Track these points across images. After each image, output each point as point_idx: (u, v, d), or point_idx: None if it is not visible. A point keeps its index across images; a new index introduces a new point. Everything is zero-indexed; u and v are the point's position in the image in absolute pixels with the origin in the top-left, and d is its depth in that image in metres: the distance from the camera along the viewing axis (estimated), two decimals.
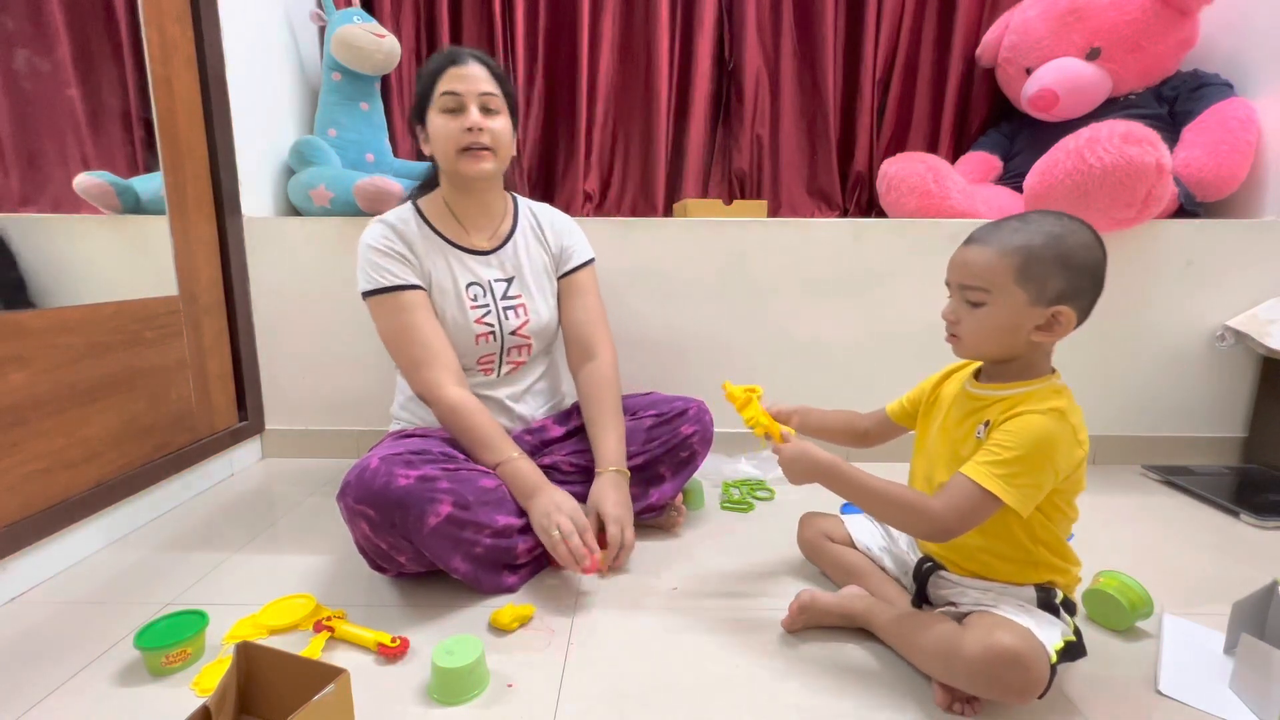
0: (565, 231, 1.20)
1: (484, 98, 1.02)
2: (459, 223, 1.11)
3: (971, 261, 0.75)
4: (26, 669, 0.80)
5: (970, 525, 0.72)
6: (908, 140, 1.87)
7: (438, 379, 1.02)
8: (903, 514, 0.76)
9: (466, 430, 1.01)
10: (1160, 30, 1.56)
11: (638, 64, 1.80)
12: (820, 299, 1.52)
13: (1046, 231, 0.72)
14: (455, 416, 1.01)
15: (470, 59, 1.02)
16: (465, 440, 1.02)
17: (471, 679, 0.75)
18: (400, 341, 1.04)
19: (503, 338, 1.11)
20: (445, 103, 1.00)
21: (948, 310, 0.79)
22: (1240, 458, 1.56)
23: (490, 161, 1.04)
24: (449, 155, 1.03)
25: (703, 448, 1.18)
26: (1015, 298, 0.73)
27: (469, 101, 1.00)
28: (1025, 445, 0.70)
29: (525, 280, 1.14)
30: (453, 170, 1.05)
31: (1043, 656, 0.68)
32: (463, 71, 1.00)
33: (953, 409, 0.85)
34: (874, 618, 0.85)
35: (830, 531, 1.02)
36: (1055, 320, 0.73)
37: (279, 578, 1.02)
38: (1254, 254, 1.47)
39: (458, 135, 1.00)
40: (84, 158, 1.16)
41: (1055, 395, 0.74)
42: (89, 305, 1.12)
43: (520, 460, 1.00)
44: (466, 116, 1.00)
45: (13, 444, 0.97)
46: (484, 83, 1.01)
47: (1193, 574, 1.06)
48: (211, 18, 1.36)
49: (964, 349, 0.79)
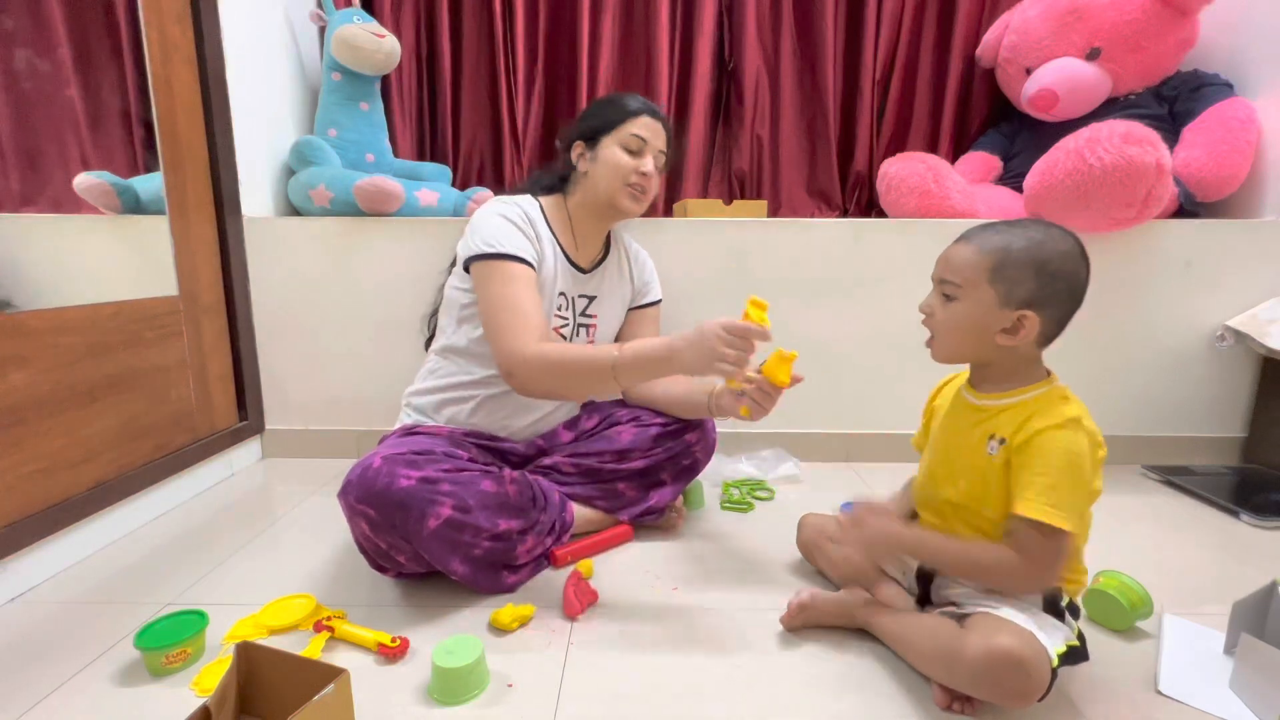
0: (645, 266, 1.30)
1: (659, 155, 1.12)
2: (573, 237, 1.16)
3: (953, 257, 0.77)
4: (26, 669, 0.80)
5: (1061, 563, 0.72)
6: (908, 140, 1.87)
7: (525, 343, 0.96)
8: (993, 576, 0.75)
9: (562, 368, 0.95)
10: (1160, 30, 1.56)
11: (638, 64, 1.80)
12: (820, 299, 1.52)
13: (1029, 236, 0.73)
14: (546, 362, 0.95)
15: (662, 119, 1.12)
16: (568, 380, 0.96)
17: (471, 679, 0.75)
18: (500, 305, 1.00)
19: None
20: (631, 143, 1.08)
21: (924, 303, 0.81)
22: (1240, 458, 1.56)
23: (644, 204, 1.13)
24: (614, 184, 1.09)
25: (705, 456, 1.19)
26: (985, 296, 0.74)
27: (649, 152, 1.10)
28: (1060, 468, 0.70)
29: (603, 304, 1.20)
30: (610, 198, 1.10)
31: (1044, 660, 0.68)
32: (656, 126, 1.10)
33: (952, 418, 0.85)
34: (873, 619, 0.85)
35: (830, 532, 1.02)
36: (1019, 324, 0.73)
37: (279, 578, 1.02)
38: (1254, 254, 1.47)
39: (630, 172, 1.08)
40: (84, 158, 1.16)
41: (1064, 402, 0.74)
42: (89, 305, 1.12)
43: (627, 348, 0.92)
44: (644, 161, 1.09)
45: (13, 444, 0.97)
46: (662, 141, 1.12)
47: (1193, 574, 1.06)
48: (211, 18, 1.36)
49: (938, 349, 0.80)
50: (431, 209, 1.57)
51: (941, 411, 0.88)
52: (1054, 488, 0.70)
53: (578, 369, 0.95)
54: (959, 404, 0.84)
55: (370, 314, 1.54)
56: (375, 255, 1.51)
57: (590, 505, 1.14)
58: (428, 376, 1.17)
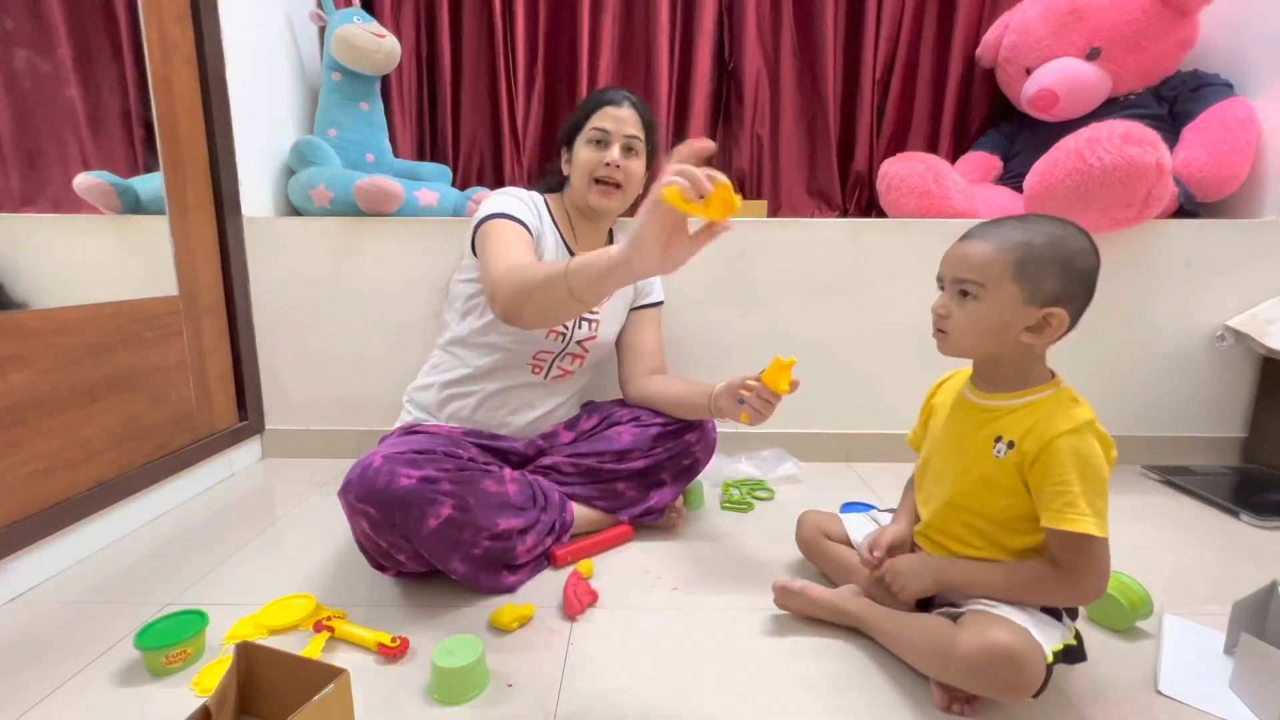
0: None
1: (628, 139, 1.11)
2: (573, 234, 1.19)
3: (970, 254, 0.74)
4: (26, 669, 0.80)
5: (1107, 569, 0.71)
6: (908, 140, 1.87)
7: (505, 264, 0.95)
8: (1043, 595, 0.74)
9: (528, 279, 0.88)
10: (1160, 30, 1.56)
11: (638, 64, 1.80)
12: (820, 299, 1.52)
13: (1048, 233, 0.72)
14: (515, 276, 0.91)
15: (626, 102, 1.11)
16: (533, 290, 0.87)
17: (471, 679, 0.75)
18: (494, 252, 0.99)
19: (568, 342, 1.15)
20: (593, 135, 1.09)
21: (939, 304, 0.78)
22: (1240, 458, 1.56)
23: (616, 199, 1.13)
24: (583, 182, 1.11)
25: (705, 456, 1.19)
26: (1009, 294, 0.72)
27: (614, 140, 1.10)
28: (1082, 476, 0.70)
29: (604, 302, 1.19)
30: (582, 198, 1.13)
31: (1038, 654, 0.68)
32: (616, 112, 1.10)
33: (955, 418, 0.84)
34: (868, 617, 0.85)
35: (828, 529, 1.02)
36: (1046, 322, 0.72)
37: (279, 578, 1.02)
38: (1254, 254, 1.47)
39: (597, 166, 1.09)
40: (84, 158, 1.16)
41: (1073, 404, 0.74)
42: (89, 305, 1.12)
43: (576, 259, 0.81)
44: (608, 152, 1.09)
45: (13, 444, 0.97)
46: (630, 125, 1.10)
47: (1193, 574, 1.06)
48: (211, 18, 1.36)
49: (950, 346, 0.78)
50: (431, 209, 1.57)
51: (942, 410, 0.88)
52: (1080, 495, 0.70)
53: (538, 279, 0.86)
54: (962, 404, 0.84)
55: (370, 314, 1.53)
56: (375, 255, 1.51)
57: (590, 505, 1.14)
58: (431, 371, 1.18)
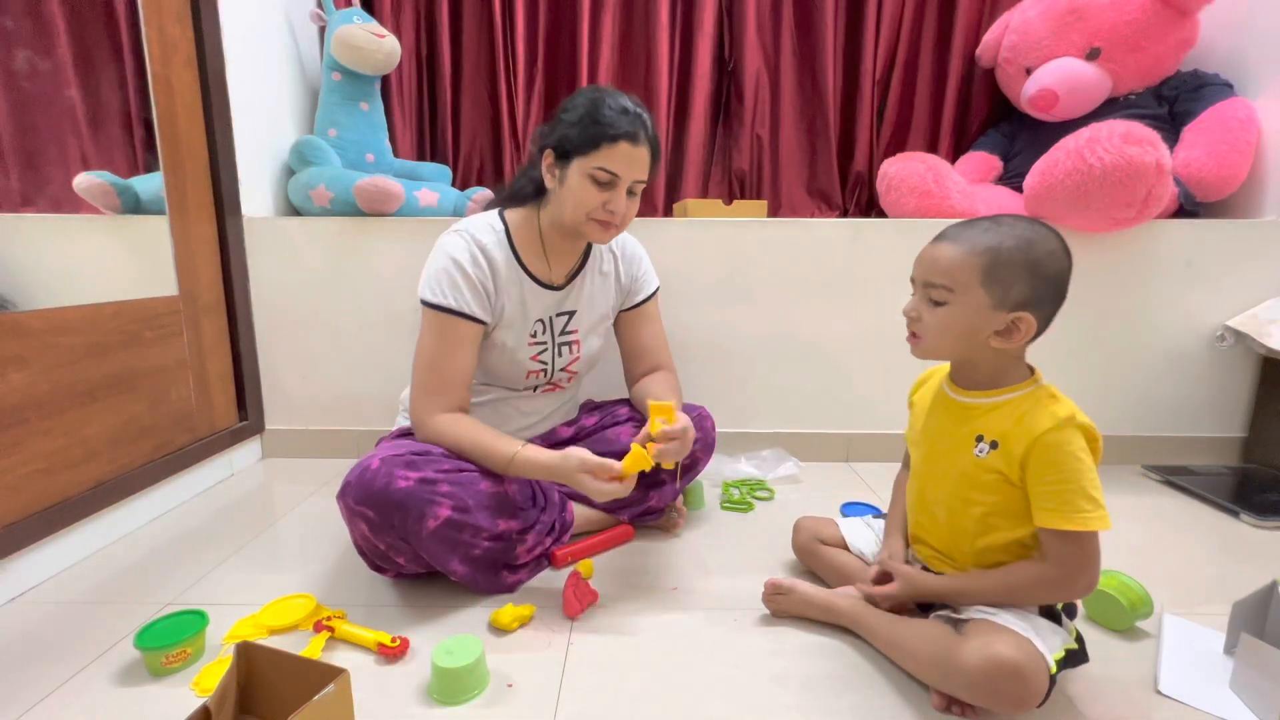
0: (635, 260, 1.21)
1: (635, 184, 1.01)
2: (544, 255, 1.09)
3: (939, 258, 0.75)
4: (26, 669, 0.81)
5: (1097, 562, 0.72)
6: (908, 140, 1.87)
7: (431, 410, 0.99)
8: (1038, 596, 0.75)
9: (459, 445, 0.97)
10: (1160, 30, 1.56)
11: (638, 64, 1.80)
12: (820, 299, 1.52)
13: (1017, 235, 0.71)
14: (443, 439, 0.98)
15: (645, 141, 0.98)
16: (465, 455, 0.98)
17: (471, 679, 0.75)
18: (429, 361, 1.01)
19: (552, 374, 1.13)
20: (601, 175, 0.97)
21: (909, 307, 0.79)
22: (1240, 458, 1.56)
23: (613, 233, 1.04)
24: (578, 216, 1.00)
25: (704, 454, 1.18)
26: (978, 299, 0.72)
27: (622, 186, 0.98)
28: (1070, 473, 0.70)
29: (582, 318, 1.15)
30: (574, 228, 1.02)
31: (1042, 668, 0.68)
32: (634, 154, 0.97)
33: (935, 416, 0.84)
34: (863, 619, 0.85)
35: (823, 535, 1.02)
36: (1015, 327, 0.72)
37: (279, 578, 1.02)
38: (1254, 254, 1.47)
39: (596, 208, 0.99)
40: (84, 158, 1.16)
41: (1052, 401, 0.74)
42: (89, 305, 1.12)
43: (525, 450, 0.96)
44: (614, 199, 0.98)
45: (13, 444, 0.97)
46: (641, 169, 0.99)
47: (1193, 574, 1.06)
48: (211, 18, 1.36)
49: (922, 349, 0.79)
50: (431, 209, 1.57)
51: (922, 408, 0.88)
52: (1073, 492, 0.70)
53: (478, 448, 0.97)
54: (941, 401, 0.84)
55: (370, 314, 1.53)
56: (375, 255, 1.51)
57: (590, 505, 1.14)
58: None
